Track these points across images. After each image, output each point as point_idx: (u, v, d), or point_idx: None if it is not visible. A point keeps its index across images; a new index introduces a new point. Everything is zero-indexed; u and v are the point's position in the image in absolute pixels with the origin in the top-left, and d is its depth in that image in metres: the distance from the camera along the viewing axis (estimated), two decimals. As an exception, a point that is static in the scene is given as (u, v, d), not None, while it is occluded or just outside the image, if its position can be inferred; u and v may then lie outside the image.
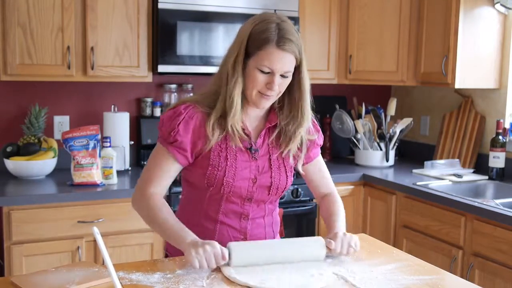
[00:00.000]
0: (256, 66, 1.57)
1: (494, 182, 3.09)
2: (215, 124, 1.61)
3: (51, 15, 2.83)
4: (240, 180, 1.66)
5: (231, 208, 1.70)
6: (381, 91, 4.03)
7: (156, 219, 1.62)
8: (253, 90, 1.59)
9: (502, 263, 2.45)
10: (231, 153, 1.65)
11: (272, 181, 1.70)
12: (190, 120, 1.62)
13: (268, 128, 1.70)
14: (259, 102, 1.62)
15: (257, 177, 1.68)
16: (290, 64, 1.59)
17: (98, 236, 1.28)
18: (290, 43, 1.56)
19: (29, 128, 3.02)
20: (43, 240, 2.63)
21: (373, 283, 1.47)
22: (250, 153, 1.67)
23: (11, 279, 1.45)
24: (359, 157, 3.58)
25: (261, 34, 1.56)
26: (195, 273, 1.50)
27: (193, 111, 1.62)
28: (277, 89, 1.60)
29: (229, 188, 1.65)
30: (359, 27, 3.49)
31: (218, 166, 1.64)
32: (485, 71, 3.18)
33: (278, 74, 1.57)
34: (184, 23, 3.02)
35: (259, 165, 1.68)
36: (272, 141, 1.71)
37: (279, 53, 1.55)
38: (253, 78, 1.58)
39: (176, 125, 1.62)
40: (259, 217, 1.75)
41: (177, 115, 1.62)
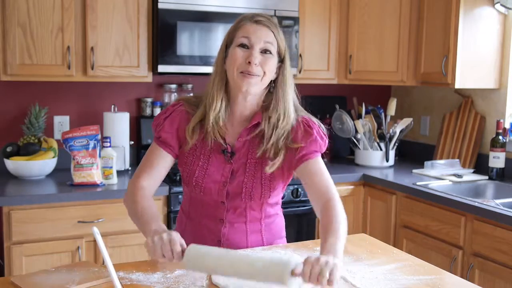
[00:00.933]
0: (235, 44, 1.60)
1: (494, 182, 3.09)
2: (195, 127, 1.64)
3: (51, 15, 2.83)
4: (211, 182, 1.64)
5: (208, 210, 1.69)
6: (381, 91, 4.03)
7: (136, 211, 1.57)
8: (234, 70, 1.59)
9: (502, 263, 2.45)
10: (205, 154, 1.65)
11: (243, 187, 1.63)
12: (176, 116, 1.66)
13: (249, 129, 1.65)
14: (242, 82, 1.58)
15: (228, 181, 1.64)
16: (268, 36, 1.59)
17: (98, 236, 1.28)
18: (265, 19, 1.61)
19: (29, 128, 3.02)
20: (43, 240, 2.63)
21: (373, 283, 1.47)
22: (224, 156, 1.65)
23: (11, 279, 1.45)
24: (359, 157, 3.58)
25: (237, 21, 1.64)
26: (195, 273, 1.50)
27: (180, 109, 1.67)
28: (259, 68, 1.58)
29: (199, 188, 1.65)
30: (359, 27, 3.49)
31: (190, 165, 1.66)
32: (485, 71, 3.18)
33: (257, 47, 1.58)
34: (184, 23, 3.02)
35: (234, 168, 1.64)
36: (253, 144, 1.65)
37: (255, 25, 1.60)
38: (233, 56, 1.59)
39: (162, 121, 1.67)
40: (239, 222, 1.69)
41: (165, 111, 1.69)
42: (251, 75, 1.58)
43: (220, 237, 1.69)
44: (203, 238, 1.68)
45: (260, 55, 1.58)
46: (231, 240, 1.70)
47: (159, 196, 2.82)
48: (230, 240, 1.69)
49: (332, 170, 3.53)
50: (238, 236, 1.70)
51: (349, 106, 3.89)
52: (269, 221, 1.74)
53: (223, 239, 1.69)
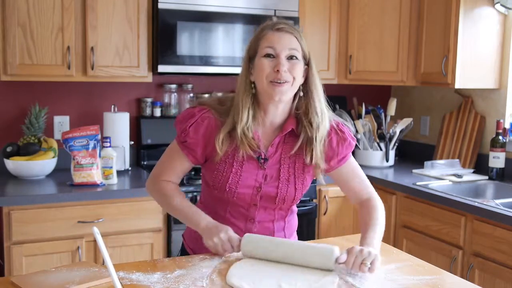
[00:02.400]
0: (260, 55, 1.60)
1: (494, 182, 3.09)
2: (225, 138, 1.62)
3: (51, 15, 2.83)
4: (244, 188, 1.66)
5: (238, 210, 1.71)
6: (381, 91, 4.03)
7: (170, 202, 1.69)
8: (263, 80, 1.59)
9: (502, 263, 2.45)
10: (237, 161, 1.65)
11: (278, 192, 1.67)
12: (202, 123, 1.64)
13: (283, 136, 1.67)
14: (273, 92, 1.58)
15: (262, 186, 1.67)
16: (292, 43, 1.60)
17: (98, 236, 1.28)
18: (286, 25, 1.61)
19: (29, 128, 3.02)
20: (43, 240, 2.63)
21: (373, 283, 1.47)
22: (258, 162, 1.66)
23: (11, 279, 1.45)
24: (359, 157, 3.58)
25: (258, 31, 1.63)
26: (195, 273, 1.50)
27: (206, 115, 1.64)
28: (288, 74, 1.59)
29: (232, 194, 1.66)
30: (359, 27, 3.49)
31: (223, 172, 1.65)
32: (485, 71, 3.18)
33: (283, 55, 1.58)
34: (184, 23, 3.02)
35: (267, 174, 1.67)
36: (285, 150, 1.68)
37: (277, 33, 1.60)
38: (260, 67, 1.59)
39: (187, 127, 1.65)
40: (268, 221, 1.74)
41: (191, 116, 1.66)
42: (281, 83, 1.58)
43: None
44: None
45: (287, 62, 1.59)
46: None
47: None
48: None
49: (332, 170, 3.54)
50: (266, 234, 1.73)
51: (349, 106, 3.89)
52: (290, 217, 1.80)
53: None
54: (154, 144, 3.35)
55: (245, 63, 1.65)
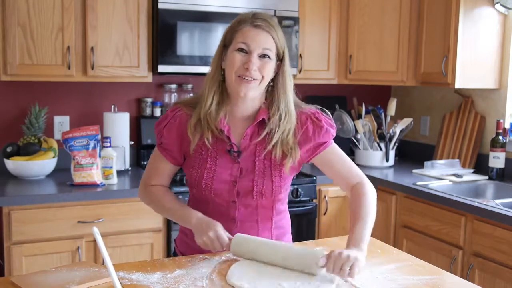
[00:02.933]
0: (234, 48, 1.59)
1: (494, 182, 3.09)
2: (196, 125, 1.62)
3: (51, 15, 2.83)
4: (220, 183, 1.64)
5: (218, 210, 1.68)
6: (381, 91, 4.03)
7: (161, 203, 1.72)
8: (233, 74, 1.59)
9: (502, 263, 2.45)
10: (211, 155, 1.64)
11: (254, 185, 1.64)
12: (174, 122, 1.66)
13: (256, 128, 1.65)
14: (239, 87, 1.58)
15: (238, 180, 1.64)
16: (267, 42, 1.59)
17: (98, 236, 1.28)
18: (264, 22, 1.60)
19: (29, 128, 3.02)
20: (43, 240, 2.63)
21: (373, 283, 1.47)
22: (231, 156, 1.64)
23: (11, 279, 1.45)
24: (359, 157, 3.58)
25: (236, 22, 1.63)
26: (195, 273, 1.50)
27: (178, 114, 1.67)
28: (257, 72, 1.58)
29: (209, 190, 1.65)
30: (359, 27, 3.49)
31: (198, 168, 1.65)
32: (485, 71, 3.18)
33: (255, 53, 1.58)
34: (184, 23, 3.02)
35: (242, 167, 1.64)
36: (260, 142, 1.65)
37: (254, 29, 1.59)
38: (231, 61, 1.59)
39: (162, 128, 1.68)
40: (251, 221, 1.70)
41: (164, 118, 1.69)
42: (249, 80, 1.58)
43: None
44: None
45: (258, 60, 1.58)
46: None
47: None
48: None
49: (332, 170, 3.54)
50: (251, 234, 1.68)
51: (349, 106, 3.89)
52: (279, 218, 1.76)
53: None
54: (154, 144, 3.32)
55: (219, 49, 1.65)
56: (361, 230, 1.55)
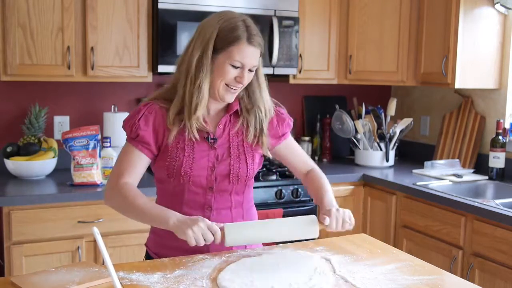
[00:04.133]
0: (228, 61, 1.64)
1: (494, 182, 3.09)
2: (175, 118, 1.68)
3: (51, 15, 2.83)
4: (199, 169, 1.69)
5: (194, 199, 1.72)
6: (381, 91, 4.03)
7: (133, 205, 1.63)
8: (221, 83, 1.66)
9: (502, 263, 2.45)
10: (189, 144, 1.69)
11: (231, 169, 1.72)
12: (149, 115, 1.70)
13: (229, 116, 1.75)
14: (225, 95, 1.68)
15: (216, 165, 1.71)
16: (257, 58, 1.69)
17: (98, 236, 1.28)
18: (258, 38, 1.67)
19: (29, 128, 3.02)
20: (43, 240, 2.63)
21: (373, 283, 1.47)
22: (208, 143, 1.71)
23: (11, 279, 1.45)
24: (359, 157, 3.58)
25: (231, 31, 1.64)
26: (195, 273, 1.50)
27: (152, 107, 1.71)
28: (246, 82, 1.69)
29: (188, 177, 1.69)
30: (359, 27, 3.49)
31: (176, 157, 1.68)
32: (485, 71, 3.18)
33: (247, 68, 1.66)
34: (184, 23, 3.02)
35: (218, 153, 1.72)
36: (232, 128, 1.75)
37: (250, 48, 1.65)
38: (223, 72, 1.65)
39: (136, 121, 1.69)
40: (225, 208, 1.75)
41: (137, 112, 1.71)
42: (235, 90, 1.68)
43: None
44: None
45: (247, 72, 1.68)
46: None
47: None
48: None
49: (332, 170, 3.55)
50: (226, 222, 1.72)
51: (349, 106, 3.89)
52: (249, 205, 1.84)
53: None
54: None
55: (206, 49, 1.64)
56: (331, 197, 1.76)
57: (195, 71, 1.65)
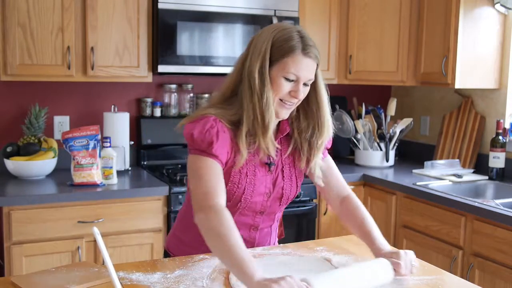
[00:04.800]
0: (282, 74, 1.53)
1: (494, 182, 3.09)
2: (246, 141, 1.56)
3: (51, 15, 2.83)
4: (257, 196, 1.64)
5: (243, 220, 1.67)
6: (381, 91, 4.03)
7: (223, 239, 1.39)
8: (275, 98, 1.55)
9: (502, 263, 2.45)
10: (250, 169, 1.61)
11: (284, 193, 1.68)
12: (223, 133, 1.55)
13: (280, 139, 1.66)
14: (280, 111, 1.57)
15: (271, 190, 1.66)
16: (313, 71, 1.58)
17: (98, 237, 1.28)
18: (314, 49, 1.56)
19: (29, 128, 3.02)
20: (43, 240, 2.63)
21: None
22: (268, 168, 1.64)
23: (11, 279, 1.45)
24: (359, 157, 3.58)
25: (285, 42, 1.54)
26: (195, 273, 1.50)
27: (222, 125, 1.55)
28: (302, 97, 1.58)
29: (246, 204, 1.63)
30: (359, 27, 3.49)
31: (238, 183, 1.60)
32: (485, 71, 3.18)
33: (302, 82, 1.56)
34: (184, 23, 3.02)
35: (274, 178, 1.67)
36: (284, 151, 1.67)
37: (305, 60, 1.54)
38: (278, 86, 1.54)
39: (213, 137, 1.53)
40: (267, 226, 1.74)
41: (210, 127, 1.54)
42: (291, 105, 1.58)
43: (253, 244, 1.72)
44: None
45: (302, 86, 1.57)
46: (260, 244, 1.75)
47: (159, 196, 2.82)
48: (259, 243, 1.75)
49: (332, 170, 3.54)
50: (265, 238, 1.75)
51: (349, 106, 3.89)
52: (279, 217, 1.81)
53: (255, 244, 1.73)
54: (154, 144, 3.35)
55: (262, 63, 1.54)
56: (381, 236, 1.61)
57: (259, 86, 1.52)
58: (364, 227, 1.63)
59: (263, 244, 1.75)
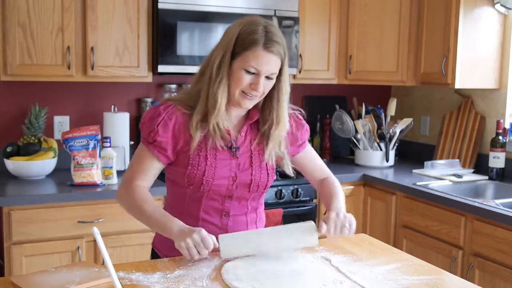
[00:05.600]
0: (243, 66, 1.59)
1: (494, 182, 3.09)
2: (198, 124, 1.63)
3: (51, 15, 2.83)
4: (220, 179, 1.67)
5: (212, 205, 1.71)
6: (381, 91, 4.03)
7: (141, 209, 1.63)
8: (237, 89, 1.61)
9: (502, 263, 2.45)
10: (211, 152, 1.66)
11: (253, 179, 1.71)
12: (169, 120, 1.64)
13: (250, 125, 1.72)
14: (242, 102, 1.63)
15: (237, 175, 1.69)
16: (276, 66, 1.61)
17: (98, 237, 1.28)
18: (277, 45, 1.59)
19: (29, 128, 3.02)
20: (43, 240, 2.63)
21: (373, 283, 1.47)
22: (230, 152, 1.68)
23: (11, 279, 1.45)
24: (359, 157, 3.58)
25: (248, 35, 1.59)
26: (195, 273, 1.50)
27: (172, 111, 1.65)
28: (262, 90, 1.62)
29: (209, 187, 1.67)
30: (359, 27, 3.49)
31: (198, 166, 1.65)
32: (485, 71, 3.18)
33: (264, 75, 1.60)
34: (184, 23, 3.02)
35: (240, 163, 1.69)
36: (252, 136, 1.72)
37: (266, 54, 1.58)
38: (238, 78, 1.60)
39: (155, 126, 1.64)
40: (241, 214, 1.75)
41: (157, 115, 1.65)
42: (252, 97, 1.63)
43: (225, 231, 1.72)
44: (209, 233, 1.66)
45: (264, 79, 1.61)
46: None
47: (159, 196, 2.82)
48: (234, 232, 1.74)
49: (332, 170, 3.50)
50: (241, 227, 1.75)
51: (349, 106, 3.89)
52: (261, 209, 1.83)
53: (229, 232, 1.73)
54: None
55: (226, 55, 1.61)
56: (340, 202, 1.72)
57: (215, 74, 1.61)
58: (329, 197, 1.76)
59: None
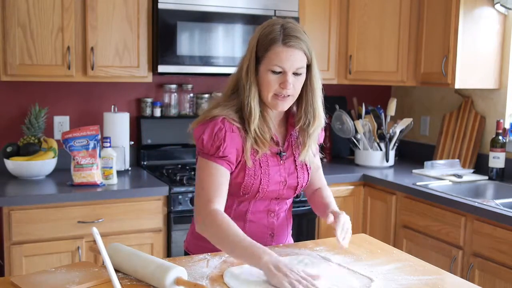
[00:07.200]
0: (268, 68, 1.59)
1: (494, 182, 3.09)
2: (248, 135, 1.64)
3: (51, 15, 2.83)
4: (274, 185, 1.71)
5: (259, 208, 1.75)
6: (381, 91, 4.03)
7: (225, 236, 1.52)
8: (269, 93, 1.62)
9: (502, 263, 2.45)
10: (263, 160, 1.68)
11: (299, 181, 1.76)
12: (232, 133, 1.62)
13: (290, 132, 1.75)
14: (276, 104, 1.63)
15: (287, 179, 1.73)
16: (300, 60, 1.60)
17: (98, 237, 1.28)
18: (295, 39, 1.58)
19: (29, 128, 3.02)
20: (43, 240, 2.63)
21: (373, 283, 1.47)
22: (279, 158, 1.71)
23: (11, 279, 1.45)
24: (359, 157, 3.58)
25: (267, 36, 1.59)
26: (195, 273, 1.50)
27: (229, 124, 1.62)
28: (292, 88, 1.61)
29: (263, 194, 1.70)
30: (359, 27, 3.49)
31: (254, 175, 1.66)
32: (485, 71, 3.18)
33: (290, 72, 1.59)
34: (184, 23, 3.02)
35: (286, 167, 1.73)
36: (293, 140, 1.76)
37: (287, 50, 1.58)
38: (267, 81, 1.60)
39: (222, 140, 1.61)
40: (282, 211, 1.81)
41: (218, 130, 1.61)
42: (284, 97, 1.62)
43: (272, 229, 1.78)
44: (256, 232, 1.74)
45: (292, 77, 1.61)
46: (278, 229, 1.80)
47: (159, 196, 2.82)
48: (278, 229, 1.80)
49: (332, 170, 3.55)
50: (282, 223, 1.81)
51: (349, 106, 3.89)
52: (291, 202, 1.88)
53: (275, 230, 1.79)
54: (154, 144, 3.35)
55: (251, 62, 1.61)
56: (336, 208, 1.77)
57: (245, 82, 1.61)
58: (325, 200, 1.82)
59: (281, 230, 1.81)
